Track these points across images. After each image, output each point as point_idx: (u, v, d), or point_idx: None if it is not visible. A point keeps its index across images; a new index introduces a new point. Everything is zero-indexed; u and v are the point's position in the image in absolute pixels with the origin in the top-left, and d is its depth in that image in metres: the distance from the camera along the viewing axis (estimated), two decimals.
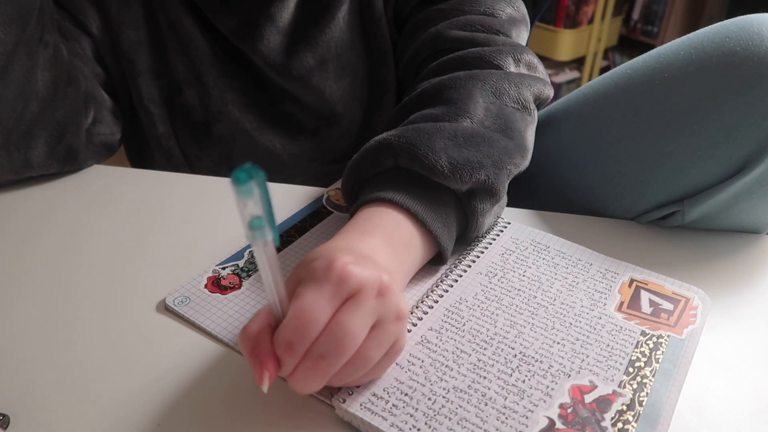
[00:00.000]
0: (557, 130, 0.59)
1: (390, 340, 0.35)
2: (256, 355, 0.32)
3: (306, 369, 0.32)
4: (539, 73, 0.56)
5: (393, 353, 0.36)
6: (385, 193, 0.44)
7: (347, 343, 0.32)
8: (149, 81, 0.63)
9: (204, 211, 0.55)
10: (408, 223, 0.43)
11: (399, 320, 0.35)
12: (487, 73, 0.51)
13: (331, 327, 0.32)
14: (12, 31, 0.50)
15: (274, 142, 0.66)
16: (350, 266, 0.33)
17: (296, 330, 0.31)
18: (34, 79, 0.53)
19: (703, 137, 0.47)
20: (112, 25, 0.61)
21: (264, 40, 0.60)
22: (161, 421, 0.36)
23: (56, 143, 0.56)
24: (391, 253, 0.40)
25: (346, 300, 0.33)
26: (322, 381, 0.33)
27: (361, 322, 0.32)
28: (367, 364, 0.34)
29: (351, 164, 0.47)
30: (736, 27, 0.47)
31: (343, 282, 0.32)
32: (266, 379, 0.32)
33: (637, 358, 0.40)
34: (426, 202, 0.44)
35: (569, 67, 2.41)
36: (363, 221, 0.42)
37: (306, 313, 0.31)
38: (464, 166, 0.44)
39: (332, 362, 0.32)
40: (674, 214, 0.52)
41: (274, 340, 0.32)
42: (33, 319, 0.43)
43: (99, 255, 0.49)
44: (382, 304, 0.33)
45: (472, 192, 0.45)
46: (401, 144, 0.44)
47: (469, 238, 0.49)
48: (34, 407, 0.37)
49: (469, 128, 0.46)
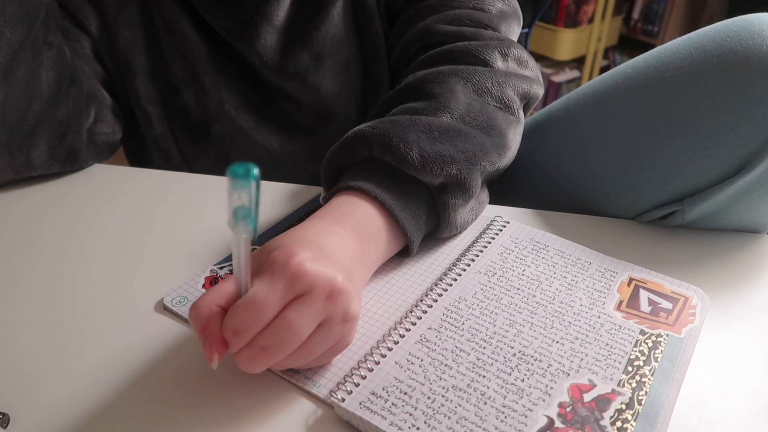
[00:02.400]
0: (557, 129, 0.59)
1: (334, 338, 0.36)
2: (206, 336, 0.34)
3: (249, 356, 0.34)
4: (529, 69, 0.56)
5: (338, 348, 0.38)
6: (357, 182, 0.45)
7: (290, 339, 0.34)
8: (146, 82, 0.63)
9: (202, 211, 0.55)
10: (377, 213, 0.44)
11: (346, 321, 0.36)
12: (472, 70, 0.51)
13: (278, 321, 0.34)
14: (18, 30, 0.50)
15: (271, 142, 0.66)
16: (306, 264, 0.34)
17: (244, 319, 0.33)
18: (39, 78, 0.53)
19: (704, 137, 0.47)
20: (109, 26, 0.61)
21: (260, 38, 0.60)
22: (160, 420, 0.36)
23: (58, 143, 0.56)
24: (359, 245, 0.42)
25: (297, 297, 0.34)
26: (264, 367, 0.35)
27: (306, 320, 0.34)
28: (309, 357, 0.36)
29: (329, 153, 0.48)
30: (736, 26, 0.47)
31: (296, 280, 0.34)
32: (215, 359, 0.34)
33: (636, 357, 0.40)
34: (396, 193, 0.45)
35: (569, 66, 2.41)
36: (335, 209, 0.43)
37: (256, 305, 0.33)
38: (435, 159, 0.44)
39: (274, 354, 0.34)
40: (674, 214, 0.52)
41: (224, 323, 0.34)
42: (32, 319, 0.43)
43: (97, 255, 0.49)
44: (332, 305, 0.35)
45: (444, 186, 0.46)
46: (375, 135, 0.45)
47: (443, 233, 0.49)
48: (33, 406, 0.37)
49: (446, 123, 0.47)
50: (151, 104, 0.64)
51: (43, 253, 0.49)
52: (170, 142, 0.66)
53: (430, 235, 0.49)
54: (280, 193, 0.57)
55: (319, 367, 0.39)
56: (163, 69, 0.63)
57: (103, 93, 0.61)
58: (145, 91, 0.63)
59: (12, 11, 0.49)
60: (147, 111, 0.64)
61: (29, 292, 0.45)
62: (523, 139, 0.61)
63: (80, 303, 0.44)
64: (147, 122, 0.65)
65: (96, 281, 0.46)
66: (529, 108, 0.57)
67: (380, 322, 0.43)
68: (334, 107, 0.65)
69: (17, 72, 0.51)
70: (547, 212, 0.56)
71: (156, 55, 0.63)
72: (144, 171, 0.61)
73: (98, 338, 0.41)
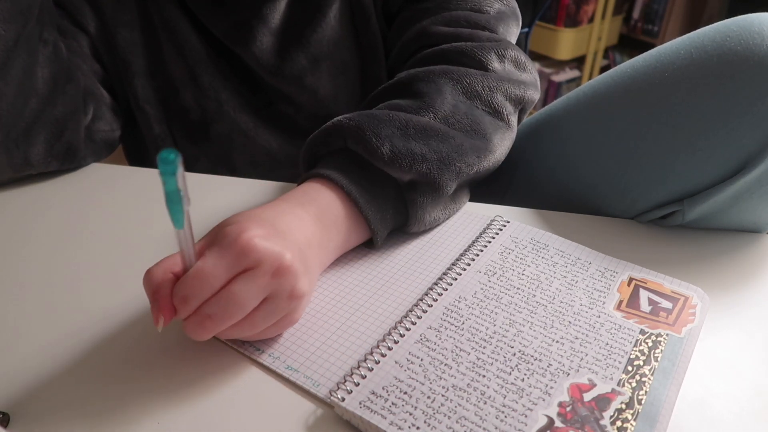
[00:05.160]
0: (557, 129, 0.59)
1: (279, 314, 0.38)
2: (156, 300, 0.36)
3: (195, 323, 0.36)
4: (527, 72, 0.56)
5: (284, 323, 0.39)
6: (327, 170, 0.46)
7: (234, 310, 0.35)
8: (145, 82, 0.63)
9: (201, 210, 0.55)
10: (340, 202, 0.45)
11: (292, 299, 0.37)
12: (464, 72, 0.51)
13: (223, 292, 0.35)
14: (12, 27, 0.50)
15: (270, 143, 0.66)
16: (255, 240, 0.36)
17: (192, 287, 0.35)
18: (34, 76, 0.53)
19: (704, 136, 0.47)
20: (107, 26, 0.60)
21: (257, 41, 0.60)
22: (159, 419, 0.36)
23: (55, 141, 0.56)
24: (320, 229, 0.43)
25: (244, 271, 0.35)
26: (210, 334, 0.36)
27: (250, 294, 0.35)
28: (253, 329, 0.38)
29: (308, 140, 0.49)
30: (737, 26, 0.47)
31: (243, 254, 0.35)
32: (161, 321, 0.35)
33: (636, 356, 0.40)
34: (364, 184, 0.46)
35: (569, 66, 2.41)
36: (301, 194, 0.45)
37: (204, 274, 0.35)
38: (405, 155, 0.45)
39: (218, 322, 0.35)
40: (674, 214, 0.52)
41: (173, 290, 0.35)
42: (32, 318, 0.43)
43: (97, 253, 0.49)
44: (277, 282, 0.36)
45: (413, 183, 0.47)
46: (351, 126, 0.46)
47: (411, 229, 0.50)
48: (34, 406, 0.37)
49: (424, 122, 0.47)
50: (150, 105, 0.64)
51: (42, 252, 0.49)
52: (169, 143, 0.66)
53: (400, 229, 0.50)
54: (279, 193, 0.57)
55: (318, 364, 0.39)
56: (161, 69, 0.63)
57: (101, 91, 0.61)
58: (143, 91, 0.63)
59: (4, 8, 0.49)
60: (145, 111, 0.64)
61: (28, 291, 0.45)
62: (523, 139, 0.61)
63: (79, 302, 0.44)
64: (146, 123, 0.65)
65: (94, 280, 0.46)
66: (524, 112, 0.57)
67: (380, 321, 0.43)
68: (333, 109, 0.65)
69: (12, 69, 0.51)
70: (547, 212, 0.56)
71: (154, 55, 0.62)
72: (142, 170, 0.61)
73: (97, 337, 0.41)
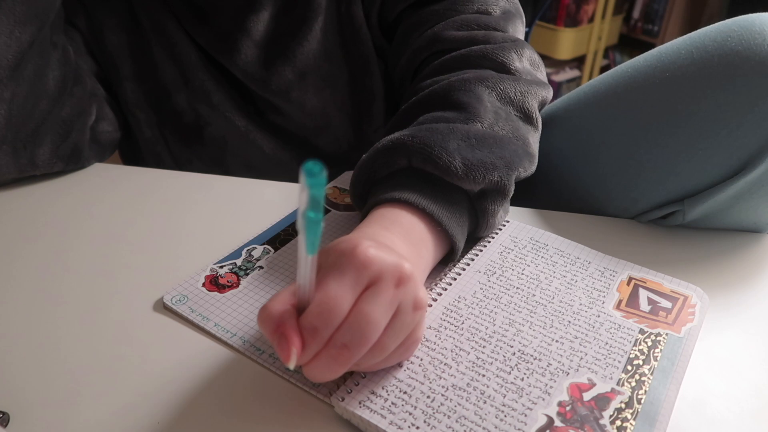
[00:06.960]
0: (558, 129, 0.59)
1: (406, 330, 0.35)
2: (281, 333, 0.32)
3: (329, 357, 0.33)
4: (541, 71, 0.56)
5: (409, 343, 0.36)
6: (399, 193, 0.44)
7: (369, 333, 0.33)
8: (134, 86, 0.63)
9: (203, 210, 0.55)
10: (423, 223, 0.43)
11: (417, 310, 0.35)
12: (497, 78, 0.50)
13: (354, 316, 0.33)
14: (27, 30, 0.50)
15: (264, 146, 0.66)
16: (371, 250, 0.33)
17: (320, 315, 0.32)
18: (45, 78, 0.53)
19: (704, 137, 0.47)
20: (95, 29, 0.60)
21: (241, 54, 0.59)
22: (160, 419, 0.36)
23: (62, 142, 0.56)
24: (411, 247, 0.41)
25: (367, 287, 0.33)
26: (343, 369, 0.33)
27: (381, 310, 0.33)
28: (383, 353, 0.35)
29: (361, 163, 0.47)
30: (737, 26, 0.47)
31: (364, 267, 0.33)
32: (293, 355, 0.32)
33: (636, 356, 0.40)
34: (440, 202, 0.44)
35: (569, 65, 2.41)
36: (380, 218, 0.43)
37: (329, 298, 0.32)
38: (478, 167, 0.44)
39: (355, 351, 0.33)
40: (675, 214, 0.52)
41: (300, 323, 0.33)
42: (32, 317, 0.43)
43: (97, 253, 0.49)
44: (402, 292, 0.34)
45: (484, 192, 0.46)
46: (415, 144, 0.44)
47: (477, 237, 0.49)
48: (33, 405, 0.37)
49: (480, 131, 0.46)
50: (140, 108, 0.64)
51: (43, 252, 0.49)
52: (161, 146, 0.66)
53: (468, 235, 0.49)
54: (278, 192, 0.57)
55: None
56: (152, 72, 0.63)
57: (103, 91, 0.61)
58: (132, 95, 0.63)
59: (21, 11, 0.49)
60: (135, 116, 0.64)
61: (29, 291, 0.45)
62: None
63: (80, 301, 0.44)
64: (137, 126, 0.65)
65: (96, 280, 0.46)
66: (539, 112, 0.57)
67: None
68: (321, 121, 0.65)
69: (25, 71, 0.51)
70: (547, 211, 0.55)
71: (144, 58, 0.62)
72: (144, 170, 0.61)
73: (98, 337, 0.41)
